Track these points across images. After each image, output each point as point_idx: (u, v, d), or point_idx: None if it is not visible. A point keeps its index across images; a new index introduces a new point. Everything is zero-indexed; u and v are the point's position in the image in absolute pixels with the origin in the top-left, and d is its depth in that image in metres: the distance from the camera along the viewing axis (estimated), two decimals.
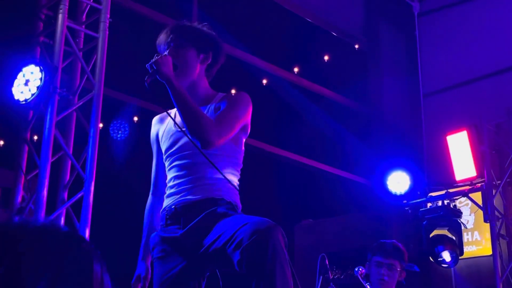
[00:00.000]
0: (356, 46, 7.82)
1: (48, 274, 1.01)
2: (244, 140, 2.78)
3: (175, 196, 2.65)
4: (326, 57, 7.93)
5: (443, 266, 6.43)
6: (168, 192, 2.71)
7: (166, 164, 2.76)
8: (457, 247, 6.29)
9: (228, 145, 2.68)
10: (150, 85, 2.53)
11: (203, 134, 2.49)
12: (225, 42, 2.95)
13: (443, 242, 6.31)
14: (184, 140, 2.68)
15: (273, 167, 7.74)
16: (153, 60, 2.53)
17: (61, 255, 1.05)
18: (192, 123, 2.50)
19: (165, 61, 2.54)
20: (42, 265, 1.02)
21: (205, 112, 2.66)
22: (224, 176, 2.61)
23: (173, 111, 2.75)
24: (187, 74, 2.67)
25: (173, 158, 2.72)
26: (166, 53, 2.65)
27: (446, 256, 6.27)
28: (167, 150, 2.74)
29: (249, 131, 2.78)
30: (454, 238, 6.35)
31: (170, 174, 2.73)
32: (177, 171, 2.68)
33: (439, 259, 6.33)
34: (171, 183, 2.70)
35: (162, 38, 2.75)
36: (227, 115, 2.61)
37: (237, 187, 2.71)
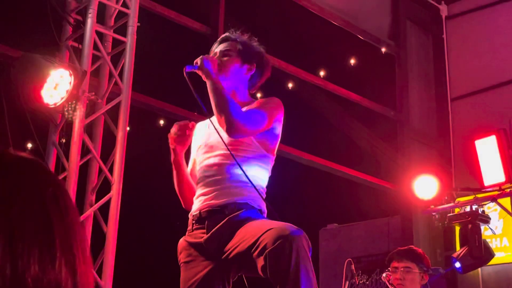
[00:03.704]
0: (383, 50, 7.75)
1: None
2: (275, 147, 2.80)
3: (201, 198, 2.70)
4: (352, 61, 7.88)
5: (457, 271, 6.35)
6: (196, 193, 2.76)
7: (197, 162, 2.83)
8: (471, 255, 6.18)
9: (256, 149, 2.72)
10: (187, 74, 2.66)
11: (229, 116, 2.55)
12: None
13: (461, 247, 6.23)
14: (212, 140, 2.75)
15: (299, 171, 7.71)
16: (200, 57, 2.69)
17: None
18: (221, 105, 2.58)
19: (210, 60, 2.69)
20: None
21: None
22: (249, 179, 2.62)
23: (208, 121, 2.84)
24: (227, 80, 2.77)
25: (201, 157, 2.79)
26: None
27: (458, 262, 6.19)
28: (198, 148, 2.84)
29: (279, 137, 2.79)
30: (476, 244, 6.26)
31: (198, 174, 2.80)
32: (204, 171, 2.75)
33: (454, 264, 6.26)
34: (199, 183, 2.77)
35: (213, 48, 2.89)
36: (254, 110, 2.69)
37: (263, 192, 2.72)
